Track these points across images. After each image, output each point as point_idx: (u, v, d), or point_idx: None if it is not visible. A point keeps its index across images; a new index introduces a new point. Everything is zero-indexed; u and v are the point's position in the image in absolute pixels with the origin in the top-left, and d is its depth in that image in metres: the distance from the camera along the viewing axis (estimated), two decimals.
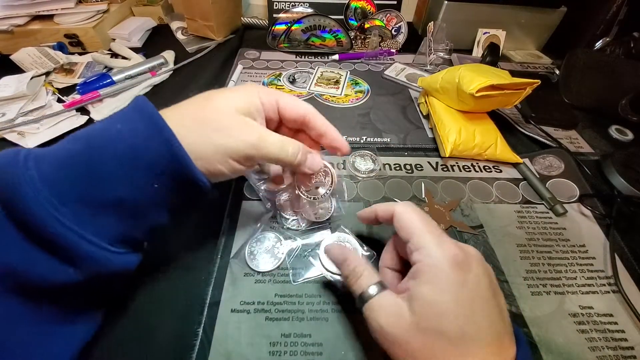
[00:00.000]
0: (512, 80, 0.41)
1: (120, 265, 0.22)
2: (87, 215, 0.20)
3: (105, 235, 0.20)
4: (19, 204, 0.18)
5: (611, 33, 0.62)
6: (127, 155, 0.20)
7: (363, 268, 0.24)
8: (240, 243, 0.33)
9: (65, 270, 0.19)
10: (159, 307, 0.28)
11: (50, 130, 0.44)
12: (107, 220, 0.20)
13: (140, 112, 0.22)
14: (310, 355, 0.26)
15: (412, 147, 0.46)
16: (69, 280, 0.20)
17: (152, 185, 0.21)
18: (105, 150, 0.20)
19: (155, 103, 0.23)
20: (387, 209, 0.26)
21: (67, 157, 0.20)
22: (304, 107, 0.28)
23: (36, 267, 0.19)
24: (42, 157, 0.20)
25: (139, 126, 0.21)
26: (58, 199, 0.19)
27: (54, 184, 0.19)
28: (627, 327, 0.28)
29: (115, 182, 0.20)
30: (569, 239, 0.35)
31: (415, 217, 0.24)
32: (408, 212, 0.24)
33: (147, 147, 0.21)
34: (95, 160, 0.20)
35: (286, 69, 0.61)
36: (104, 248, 0.20)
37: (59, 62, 0.56)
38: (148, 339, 0.26)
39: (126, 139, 0.21)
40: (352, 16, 0.69)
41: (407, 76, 0.61)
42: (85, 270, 0.20)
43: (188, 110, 0.24)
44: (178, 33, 0.70)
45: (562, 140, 0.47)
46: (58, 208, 0.19)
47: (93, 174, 0.20)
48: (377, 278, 0.24)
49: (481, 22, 0.67)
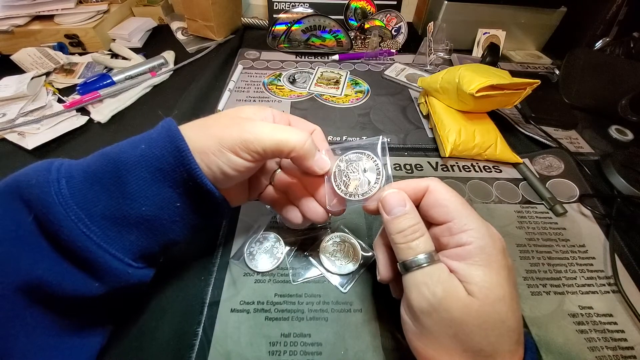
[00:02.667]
0: (512, 80, 0.41)
1: (139, 279, 0.22)
2: (114, 231, 0.21)
3: (129, 250, 0.21)
4: (51, 220, 0.19)
5: (611, 33, 0.62)
6: (152, 177, 0.21)
7: (423, 230, 0.21)
8: (240, 243, 0.33)
9: (91, 284, 0.20)
10: (159, 307, 0.28)
11: (51, 131, 0.44)
12: (131, 237, 0.21)
13: (165, 133, 0.22)
14: (309, 355, 0.26)
15: (412, 147, 0.46)
16: (92, 294, 0.21)
17: (175, 204, 0.22)
18: (132, 171, 0.21)
19: (156, 103, 0.23)
20: (417, 186, 0.23)
21: (96, 174, 0.21)
22: (312, 126, 0.28)
23: (64, 280, 0.20)
24: (73, 172, 0.21)
25: (162, 145, 0.22)
26: (87, 216, 0.20)
27: (83, 201, 0.20)
28: (626, 327, 0.28)
29: (140, 201, 0.21)
30: (568, 239, 0.35)
31: (453, 195, 0.22)
32: (445, 189, 0.22)
33: (171, 167, 0.21)
34: (122, 180, 0.21)
35: (286, 69, 0.61)
36: (128, 263, 0.21)
37: (59, 63, 0.56)
38: (148, 339, 0.26)
39: (151, 161, 0.21)
40: (352, 16, 0.69)
41: (407, 76, 0.61)
42: (108, 284, 0.21)
43: (201, 120, 0.24)
44: (178, 33, 0.70)
45: (562, 140, 0.47)
46: (87, 224, 0.20)
47: (120, 193, 0.21)
48: (432, 245, 0.21)
49: (481, 22, 0.67)
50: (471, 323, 0.18)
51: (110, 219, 0.20)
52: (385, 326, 0.28)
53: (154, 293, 0.29)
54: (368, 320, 0.28)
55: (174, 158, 0.21)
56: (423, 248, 0.21)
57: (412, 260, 0.21)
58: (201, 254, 0.32)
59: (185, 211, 0.23)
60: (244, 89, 0.56)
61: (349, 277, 0.31)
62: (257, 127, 0.22)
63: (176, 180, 0.22)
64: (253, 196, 0.29)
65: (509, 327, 0.18)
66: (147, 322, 0.27)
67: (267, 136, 0.22)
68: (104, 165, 0.21)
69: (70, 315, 0.22)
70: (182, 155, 0.21)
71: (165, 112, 0.48)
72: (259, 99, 0.54)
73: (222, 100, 0.51)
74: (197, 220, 0.24)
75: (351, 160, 0.25)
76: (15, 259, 0.19)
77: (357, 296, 0.30)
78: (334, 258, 0.31)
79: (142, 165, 0.21)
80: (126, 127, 0.48)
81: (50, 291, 0.19)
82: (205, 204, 0.24)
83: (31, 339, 0.20)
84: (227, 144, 0.22)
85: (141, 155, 0.21)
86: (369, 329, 0.27)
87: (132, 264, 0.21)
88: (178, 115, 0.47)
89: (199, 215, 0.24)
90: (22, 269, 0.19)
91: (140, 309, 0.28)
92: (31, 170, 0.21)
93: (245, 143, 0.22)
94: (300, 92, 0.56)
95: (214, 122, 0.23)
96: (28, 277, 0.19)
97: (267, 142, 0.22)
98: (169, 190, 0.22)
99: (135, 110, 0.50)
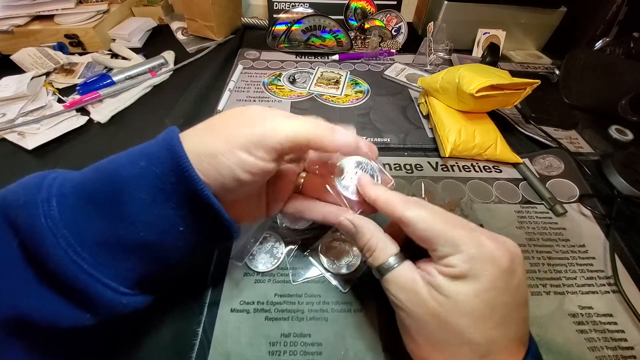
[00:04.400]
0: (512, 80, 0.41)
1: (134, 307, 0.20)
2: (108, 259, 0.19)
3: (125, 278, 0.19)
4: (38, 245, 0.17)
5: (611, 33, 0.62)
6: (153, 199, 0.19)
7: (377, 240, 0.22)
8: (240, 243, 0.33)
9: (81, 316, 0.18)
10: (159, 307, 0.28)
11: (51, 131, 0.44)
12: (128, 264, 0.19)
13: (167, 148, 0.19)
14: (309, 355, 0.26)
15: (412, 147, 0.46)
16: (81, 325, 0.19)
17: (178, 228, 0.20)
18: (130, 192, 0.19)
19: (156, 103, 0.22)
20: (392, 213, 0.22)
21: (91, 194, 0.19)
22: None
23: (50, 311, 0.18)
24: (66, 189, 0.19)
25: (163, 162, 0.19)
26: (78, 242, 0.18)
27: (75, 224, 0.18)
28: (626, 327, 0.28)
29: (138, 225, 0.19)
30: (568, 239, 0.35)
31: (431, 221, 0.20)
32: (423, 216, 0.20)
33: (174, 188, 0.19)
34: (119, 202, 0.19)
35: (286, 69, 0.61)
36: (122, 293, 0.19)
37: (59, 63, 0.56)
38: (148, 339, 0.26)
39: (151, 181, 0.19)
40: (352, 16, 0.69)
41: (407, 76, 0.61)
42: (100, 315, 0.19)
43: (205, 124, 0.22)
44: (178, 33, 0.70)
45: (562, 140, 0.47)
46: (78, 251, 0.18)
47: (116, 216, 0.19)
48: (394, 249, 0.22)
49: (481, 22, 0.67)
50: (430, 325, 0.19)
51: (105, 245, 0.18)
52: (385, 326, 0.28)
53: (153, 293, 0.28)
54: (368, 320, 0.28)
55: (177, 177, 0.19)
56: (383, 254, 0.22)
57: (379, 266, 0.22)
58: (201, 253, 0.32)
59: (189, 236, 0.21)
60: (244, 89, 0.56)
61: (349, 277, 0.30)
62: (270, 120, 0.20)
63: (179, 202, 0.19)
64: (272, 211, 0.26)
65: (469, 340, 0.18)
66: (147, 321, 0.27)
67: (283, 128, 0.20)
68: (100, 183, 0.19)
69: (57, 346, 0.20)
70: (186, 174, 0.18)
71: (165, 112, 0.48)
72: (259, 99, 0.54)
73: (222, 100, 0.51)
74: (202, 244, 0.22)
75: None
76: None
77: (357, 296, 0.29)
78: (334, 258, 0.31)
79: (142, 185, 0.19)
80: (126, 127, 0.47)
81: (35, 324, 0.18)
82: (211, 226, 0.21)
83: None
84: (239, 142, 0.19)
85: (140, 174, 0.19)
86: (369, 329, 0.27)
87: (127, 293, 0.20)
88: (178, 115, 0.47)
89: (204, 239, 0.22)
90: (3, 302, 0.17)
91: (140, 308, 0.28)
92: (21, 186, 0.19)
93: (259, 139, 0.19)
94: (300, 92, 0.56)
95: (221, 121, 0.21)
96: (10, 310, 0.17)
97: (283, 134, 0.19)
98: (171, 213, 0.19)
99: (135, 110, 0.50)
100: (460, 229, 0.20)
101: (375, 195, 0.23)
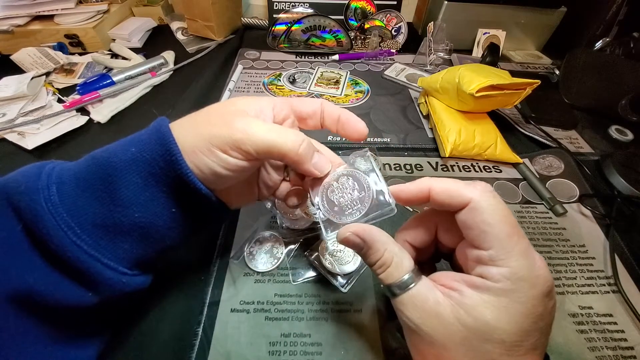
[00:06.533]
0: (512, 80, 0.41)
1: (135, 287, 0.22)
2: (106, 240, 0.20)
3: (123, 258, 0.21)
4: (40, 229, 0.18)
5: (611, 33, 0.62)
6: (145, 182, 0.20)
7: (391, 254, 0.20)
8: (240, 243, 0.33)
9: (84, 294, 0.20)
10: (159, 307, 0.28)
11: (51, 131, 0.44)
12: (125, 245, 0.21)
13: (156, 135, 0.21)
14: (309, 355, 0.26)
15: (412, 147, 0.46)
16: (85, 304, 0.20)
17: (170, 210, 0.21)
18: (123, 176, 0.20)
19: (156, 103, 0.22)
20: (458, 194, 0.19)
21: (87, 180, 0.20)
22: (317, 99, 0.26)
23: (55, 290, 0.19)
24: (64, 177, 0.20)
25: (152, 148, 0.20)
26: (78, 224, 0.19)
27: (74, 208, 0.19)
28: (626, 327, 0.28)
29: (133, 208, 0.20)
30: (568, 239, 0.35)
31: (500, 219, 0.18)
32: (491, 210, 0.18)
33: (163, 172, 0.20)
34: (113, 186, 0.20)
35: (286, 69, 0.61)
36: (122, 272, 0.20)
37: (59, 63, 0.56)
38: (148, 339, 0.26)
39: (142, 165, 0.20)
40: (352, 16, 0.69)
41: (407, 76, 0.61)
42: (102, 293, 0.20)
43: (190, 117, 0.23)
44: (178, 33, 0.70)
45: (562, 140, 0.47)
46: (77, 233, 0.19)
47: (111, 200, 0.20)
48: (410, 265, 0.20)
49: (481, 22, 0.67)
50: (455, 352, 0.17)
51: (102, 227, 0.20)
52: (385, 326, 0.28)
53: (154, 293, 0.28)
54: (368, 320, 0.28)
55: (165, 162, 0.20)
56: (398, 272, 0.19)
57: (391, 285, 0.20)
58: (201, 253, 0.32)
59: (181, 217, 0.22)
60: (244, 88, 0.56)
61: (349, 277, 0.31)
62: (250, 125, 0.20)
63: (169, 185, 0.21)
64: (265, 195, 0.27)
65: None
66: (147, 322, 0.27)
67: (260, 137, 0.20)
68: (94, 170, 0.20)
69: (63, 324, 0.21)
70: (173, 158, 0.20)
71: (165, 112, 0.48)
72: None
73: (222, 100, 0.51)
74: (194, 226, 0.24)
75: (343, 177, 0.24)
76: (5, 268, 0.19)
77: (357, 296, 0.29)
78: (333, 258, 0.31)
79: (133, 170, 0.20)
80: (126, 127, 0.47)
81: (42, 301, 0.19)
82: (201, 208, 0.23)
83: (22, 349, 0.19)
84: (217, 142, 0.20)
85: (131, 159, 0.20)
86: (369, 329, 0.27)
87: (126, 272, 0.21)
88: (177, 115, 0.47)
89: (196, 220, 0.23)
90: (12, 279, 0.19)
91: (140, 309, 0.28)
92: (20, 175, 0.20)
93: (236, 143, 0.20)
94: (301, 92, 0.56)
95: (203, 119, 0.22)
96: (18, 286, 0.19)
97: (260, 143, 0.20)
98: (162, 196, 0.21)
99: (135, 110, 0.50)
100: (517, 242, 0.17)
101: (426, 186, 0.21)
